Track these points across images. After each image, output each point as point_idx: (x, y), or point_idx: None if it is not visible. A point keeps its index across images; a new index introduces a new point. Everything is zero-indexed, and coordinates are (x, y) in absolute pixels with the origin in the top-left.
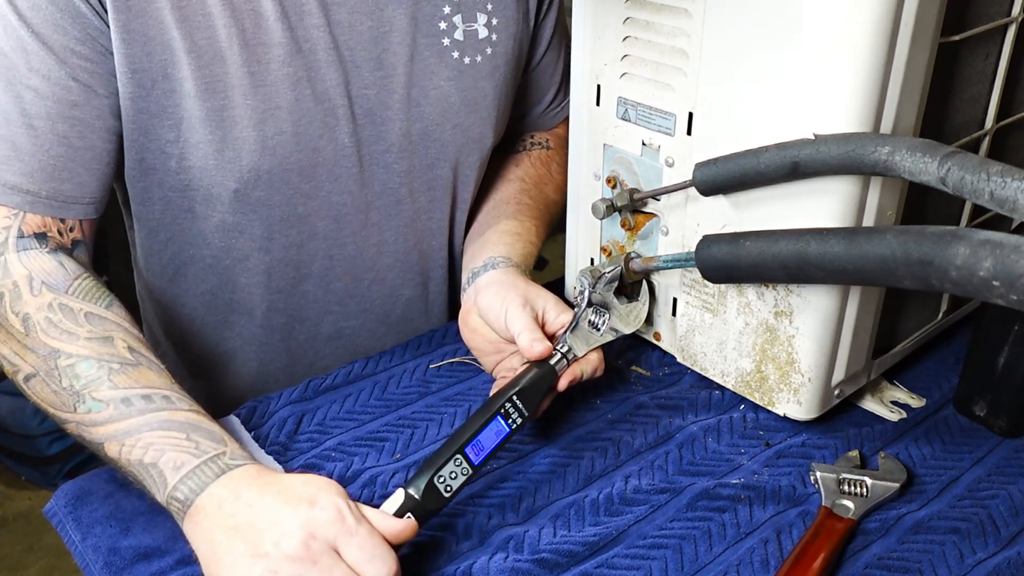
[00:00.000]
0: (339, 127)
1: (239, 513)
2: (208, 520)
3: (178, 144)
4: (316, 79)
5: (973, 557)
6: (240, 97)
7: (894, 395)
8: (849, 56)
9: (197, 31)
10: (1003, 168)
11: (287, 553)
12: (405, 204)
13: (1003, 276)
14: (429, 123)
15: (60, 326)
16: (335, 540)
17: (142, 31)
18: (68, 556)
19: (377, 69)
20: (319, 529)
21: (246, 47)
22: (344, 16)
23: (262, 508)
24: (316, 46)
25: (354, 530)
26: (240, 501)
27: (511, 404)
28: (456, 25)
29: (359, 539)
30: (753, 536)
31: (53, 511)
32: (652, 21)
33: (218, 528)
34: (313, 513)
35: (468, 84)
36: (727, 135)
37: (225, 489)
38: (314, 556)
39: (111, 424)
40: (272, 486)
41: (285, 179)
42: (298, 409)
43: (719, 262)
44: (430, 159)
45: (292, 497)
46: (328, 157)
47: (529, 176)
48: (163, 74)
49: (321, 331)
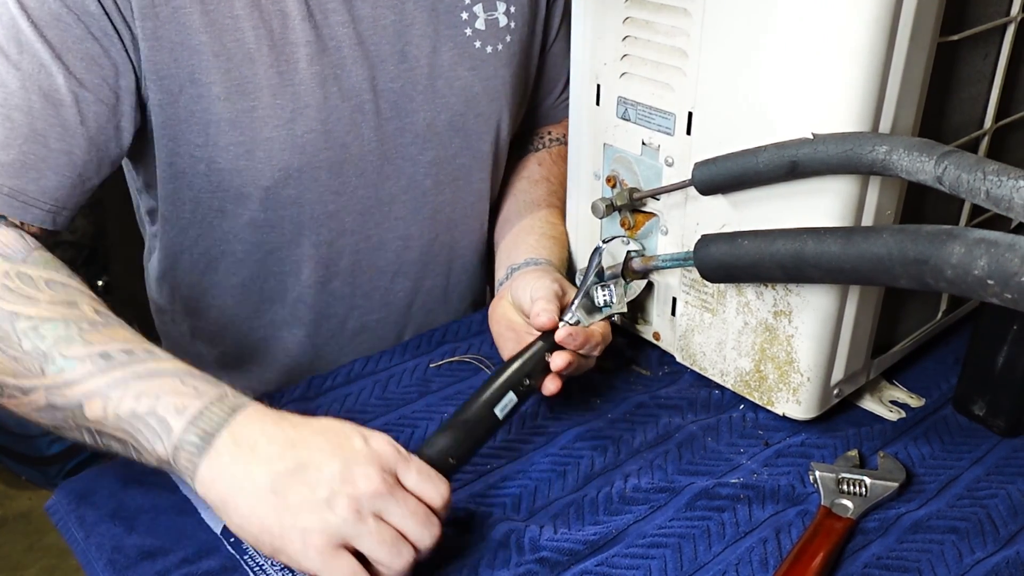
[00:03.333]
0: (365, 122)
1: (283, 454)
2: (238, 464)
3: (207, 148)
4: (343, 76)
5: (972, 557)
6: (269, 98)
7: (893, 395)
8: (848, 56)
9: (226, 34)
10: (999, 167)
11: (365, 490)
12: (430, 196)
13: (997, 275)
14: (453, 113)
15: (19, 292)
16: (396, 469)
17: (169, 37)
18: (69, 556)
19: (401, 62)
20: (385, 461)
21: (274, 48)
22: (367, 11)
23: (312, 447)
24: (341, 43)
25: (408, 459)
26: (276, 442)
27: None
28: (477, 15)
29: (415, 465)
30: (752, 535)
31: (55, 508)
32: (652, 21)
33: (261, 471)
34: (374, 446)
35: (490, 73)
36: (727, 135)
37: (249, 428)
38: (390, 487)
39: (90, 380)
40: (306, 425)
41: (315, 176)
42: (300, 408)
43: (718, 261)
44: (454, 149)
45: (341, 433)
46: (355, 153)
47: (555, 176)
48: (190, 79)
49: (347, 326)
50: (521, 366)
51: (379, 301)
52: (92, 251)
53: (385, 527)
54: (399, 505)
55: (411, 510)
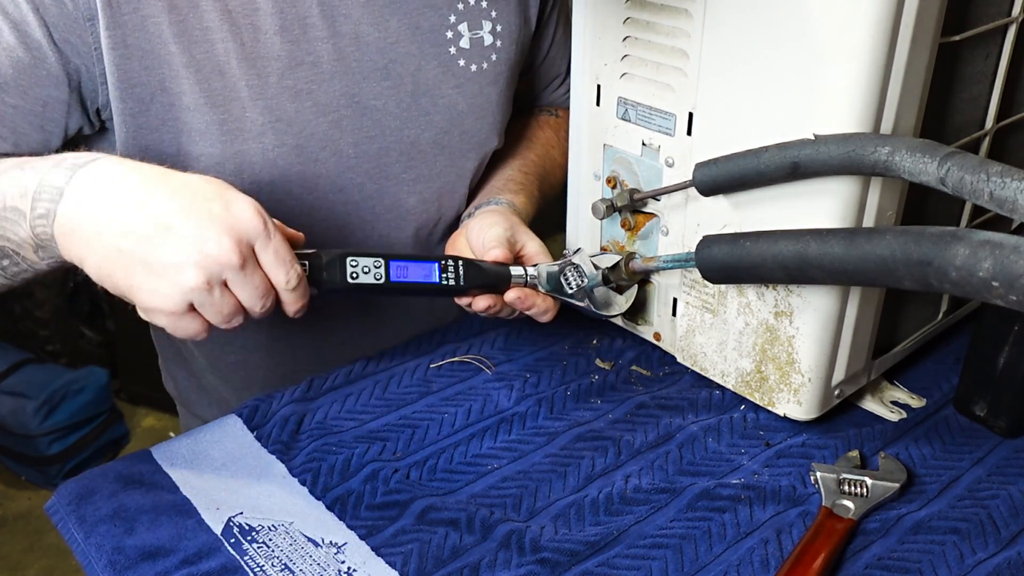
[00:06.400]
0: (343, 139)
1: (135, 212)
2: (89, 230)
3: (179, 157)
4: (318, 91)
5: (973, 557)
6: (239, 110)
7: (894, 395)
8: (849, 56)
9: (195, 45)
10: (1002, 168)
11: (217, 257)
12: (413, 214)
13: (1002, 276)
14: (438, 131)
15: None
16: (255, 242)
17: (139, 45)
18: (68, 556)
19: (384, 79)
20: (243, 230)
21: (244, 60)
22: (349, 28)
23: (168, 207)
24: (320, 58)
25: (272, 233)
26: (128, 195)
27: (454, 264)
28: (462, 33)
29: (275, 243)
30: (753, 536)
31: (55, 509)
32: (652, 21)
33: (110, 229)
34: (234, 212)
35: (475, 91)
36: (727, 135)
37: (91, 189)
38: (242, 258)
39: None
40: (165, 181)
41: (287, 191)
42: (299, 408)
43: (719, 262)
44: (439, 167)
45: (200, 195)
46: (332, 169)
47: (537, 137)
48: (161, 87)
49: (329, 340)
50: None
51: (362, 317)
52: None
53: (228, 299)
54: (246, 279)
55: (255, 285)
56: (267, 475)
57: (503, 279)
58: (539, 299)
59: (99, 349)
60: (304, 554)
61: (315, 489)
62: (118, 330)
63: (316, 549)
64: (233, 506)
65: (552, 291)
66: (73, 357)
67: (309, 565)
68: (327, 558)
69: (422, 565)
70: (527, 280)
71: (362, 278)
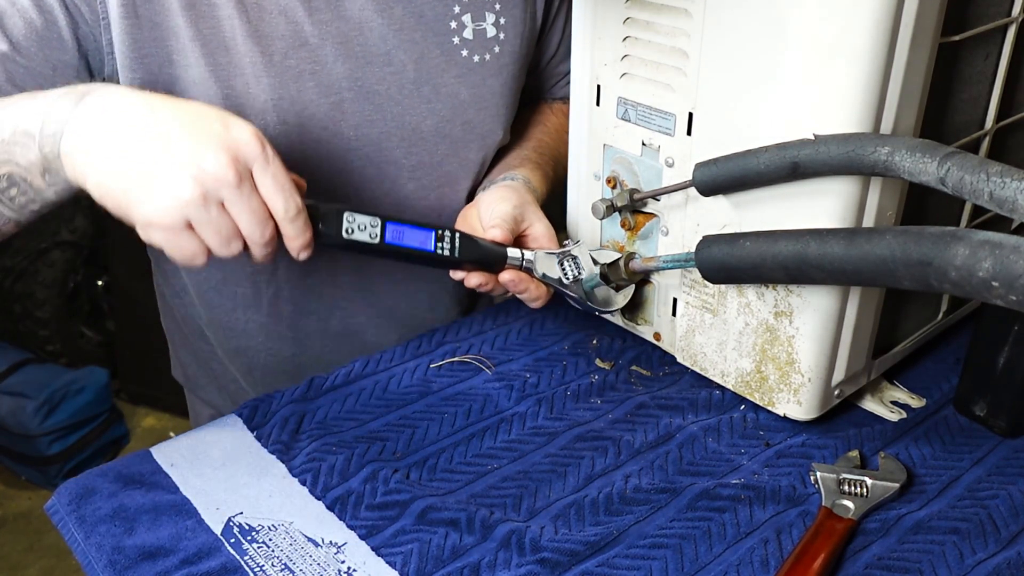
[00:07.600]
0: (344, 121)
1: (135, 129)
2: (93, 145)
3: None
4: (322, 72)
5: (973, 557)
6: (243, 87)
7: (894, 395)
8: (849, 56)
9: (202, 20)
10: (1002, 168)
11: (213, 173)
12: (412, 200)
13: (1002, 276)
14: (440, 119)
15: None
16: (252, 165)
17: (148, 16)
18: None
19: (387, 65)
20: (243, 152)
21: (249, 38)
22: (355, 12)
23: (169, 123)
24: (324, 40)
25: (271, 158)
26: (131, 115)
27: (451, 236)
28: (465, 24)
29: (274, 168)
30: (753, 536)
31: (55, 509)
32: (652, 21)
33: (113, 150)
34: (234, 133)
35: (477, 82)
36: (727, 135)
37: (100, 107)
38: (239, 177)
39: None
40: (167, 105)
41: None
42: (299, 408)
43: (719, 262)
44: (440, 155)
45: (202, 115)
46: (333, 150)
47: (550, 122)
48: (168, 59)
49: (330, 326)
50: (463, 235)
51: (362, 302)
52: (92, 251)
53: (225, 220)
54: (243, 201)
55: (252, 209)
56: (267, 475)
57: (499, 258)
58: (532, 284)
59: (99, 349)
60: (304, 554)
61: (315, 489)
62: (118, 330)
63: (316, 549)
64: (233, 506)
65: (546, 279)
66: (73, 357)
67: (309, 565)
68: (327, 558)
69: (422, 565)
70: (523, 264)
71: (357, 235)
